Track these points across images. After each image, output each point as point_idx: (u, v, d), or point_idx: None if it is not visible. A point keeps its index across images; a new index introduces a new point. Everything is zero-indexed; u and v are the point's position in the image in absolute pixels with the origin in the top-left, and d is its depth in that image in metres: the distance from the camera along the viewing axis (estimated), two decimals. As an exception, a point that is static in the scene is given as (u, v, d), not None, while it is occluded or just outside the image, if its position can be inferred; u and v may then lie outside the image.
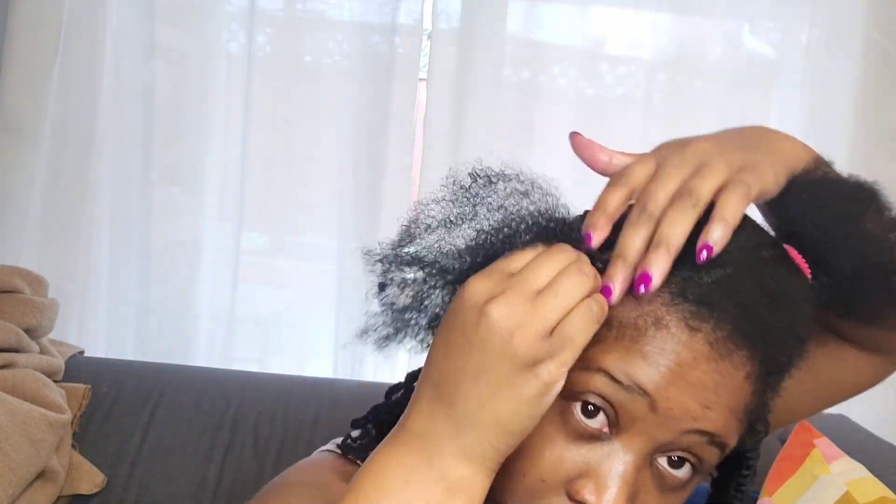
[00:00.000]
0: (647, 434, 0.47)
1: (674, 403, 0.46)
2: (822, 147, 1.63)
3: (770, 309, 0.47)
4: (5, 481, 0.96)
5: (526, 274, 0.44)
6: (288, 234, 1.64)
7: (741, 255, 0.48)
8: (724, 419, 0.47)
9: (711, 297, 0.46)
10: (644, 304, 0.46)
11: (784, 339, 0.48)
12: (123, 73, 1.52)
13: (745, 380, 0.47)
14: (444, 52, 1.50)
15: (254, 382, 1.25)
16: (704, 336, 0.46)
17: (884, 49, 1.46)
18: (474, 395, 0.43)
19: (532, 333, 0.42)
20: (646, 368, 0.46)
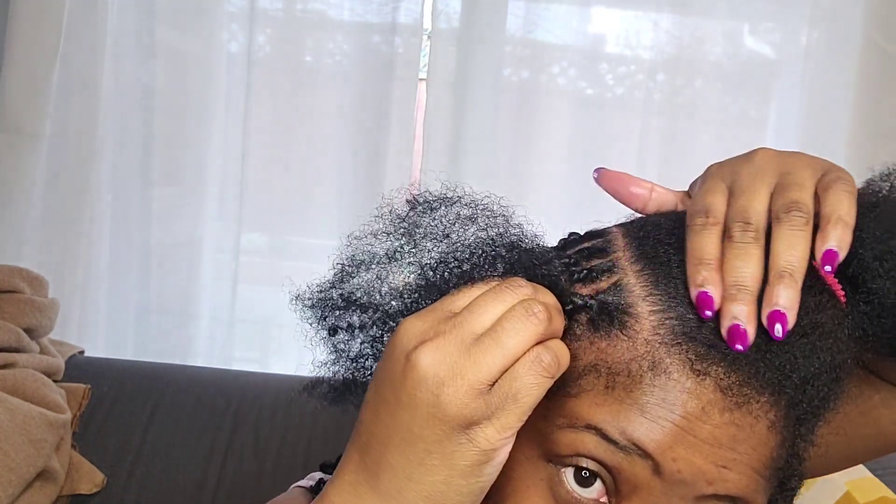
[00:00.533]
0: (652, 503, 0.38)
1: (682, 465, 0.38)
2: (822, 147, 1.64)
3: (797, 347, 0.39)
4: (5, 481, 0.96)
5: (465, 314, 0.36)
6: (288, 234, 1.64)
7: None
8: (746, 479, 0.39)
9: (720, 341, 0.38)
10: (638, 345, 0.39)
11: (815, 380, 0.40)
12: (123, 73, 1.52)
13: (768, 431, 0.39)
14: (444, 52, 1.50)
15: (254, 382, 1.25)
16: (714, 381, 0.38)
17: (883, 49, 1.46)
18: (400, 466, 0.36)
19: (465, 388, 0.34)
20: (645, 425, 0.38)
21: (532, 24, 1.54)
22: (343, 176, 1.55)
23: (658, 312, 0.39)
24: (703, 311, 0.38)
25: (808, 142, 1.50)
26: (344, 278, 0.42)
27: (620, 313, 0.39)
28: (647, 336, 0.39)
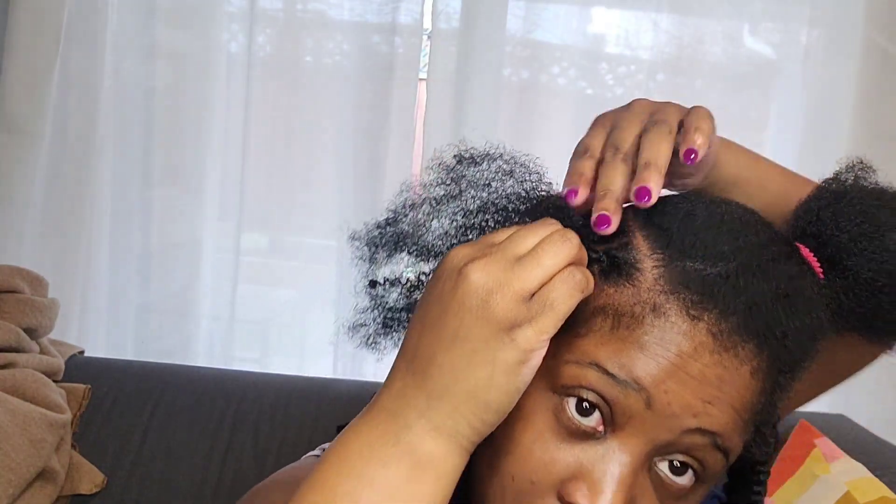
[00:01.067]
0: (644, 433, 0.43)
1: (672, 398, 0.43)
2: (822, 147, 1.63)
3: (781, 305, 0.45)
4: (5, 481, 0.96)
5: (508, 242, 0.42)
6: (288, 234, 1.64)
7: (749, 250, 0.46)
8: (726, 417, 0.44)
9: (716, 287, 0.44)
10: (642, 291, 0.44)
11: (794, 337, 0.45)
12: (123, 73, 1.52)
13: (750, 376, 0.44)
14: (444, 52, 1.50)
15: (254, 382, 1.25)
16: (707, 326, 0.43)
17: (883, 49, 1.46)
18: (448, 364, 0.40)
19: (510, 295, 0.40)
20: (643, 360, 0.43)
21: (532, 24, 1.54)
22: (343, 176, 1.55)
23: (660, 267, 0.45)
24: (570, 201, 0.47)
25: (808, 142, 1.49)
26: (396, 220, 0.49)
27: (628, 266, 0.45)
28: (650, 285, 0.44)
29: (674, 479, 0.45)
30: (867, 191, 0.51)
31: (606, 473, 0.43)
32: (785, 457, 1.08)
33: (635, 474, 0.44)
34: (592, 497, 0.43)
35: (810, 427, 1.11)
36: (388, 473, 0.41)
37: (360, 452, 0.41)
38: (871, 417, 1.39)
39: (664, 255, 0.45)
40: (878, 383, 1.51)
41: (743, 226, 0.47)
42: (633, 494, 0.44)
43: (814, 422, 1.14)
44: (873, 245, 0.49)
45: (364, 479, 0.41)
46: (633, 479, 0.44)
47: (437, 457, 0.41)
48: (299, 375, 1.34)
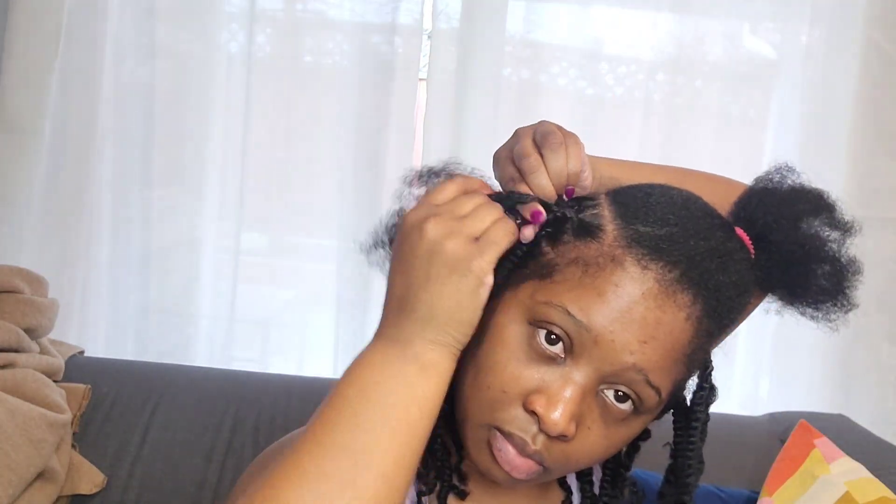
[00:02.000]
0: (592, 364, 0.54)
1: (616, 337, 0.53)
2: (822, 147, 1.63)
3: (716, 264, 0.55)
4: (5, 481, 0.96)
5: (451, 204, 0.55)
6: (288, 234, 1.64)
7: (692, 219, 0.57)
8: (658, 356, 0.54)
9: (662, 244, 0.54)
10: (605, 246, 0.55)
11: (727, 290, 0.56)
12: (123, 73, 1.52)
13: (685, 321, 0.54)
14: (444, 52, 1.50)
15: (254, 382, 1.25)
16: (654, 275, 0.54)
17: (883, 49, 1.46)
18: (427, 297, 0.52)
19: (462, 239, 0.53)
20: (598, 305, 0.53)
21: (532, 24, 1.54)
22: (343, 176, 1.55)
23: (619, 229, 0.56)
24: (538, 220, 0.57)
25: (808, 141, 1.50)
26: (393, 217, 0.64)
27: (595, 228, 0.56)
28: (611, 242, 0.55)
29: (616, 405, 0.56)
30: (789, 186, 0.63)
31: (562, 390, 0.54)
32: (785, 457, 1.09)
33: (584, 395, 0.55)
34: (549, 407, 0.54)
35: (810, 427, 1.11)
36: (404, 377, 0.52)
37: (375, 365, 0.53)
38: (871, 417, 1.39)
39: (623, 220, 0.56)
40: (878, 383, 1.51)
41: (688, 202, 0.59)
42: (582, 410, 0.55)
43: (814, 422, 1.14)
44: (791, 226, 0.61)
45: (386, 385, 0.52)
46: (582, 398, 0.55)
47: (437, 362, 0.53)
48: (299, 375, 1.34)
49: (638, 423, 0.58)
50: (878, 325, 1.49)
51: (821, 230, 0.61)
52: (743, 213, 0.62)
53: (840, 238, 0.62)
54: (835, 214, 0.62)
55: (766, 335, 1.55)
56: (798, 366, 1.53)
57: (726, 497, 1.05)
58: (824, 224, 0.62)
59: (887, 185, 1.48)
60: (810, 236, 0.61)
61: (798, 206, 0.61)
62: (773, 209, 0.61)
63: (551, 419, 0.53)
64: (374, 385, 0.52)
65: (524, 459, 0.55)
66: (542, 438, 0.55)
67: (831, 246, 0.61)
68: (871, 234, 1.46)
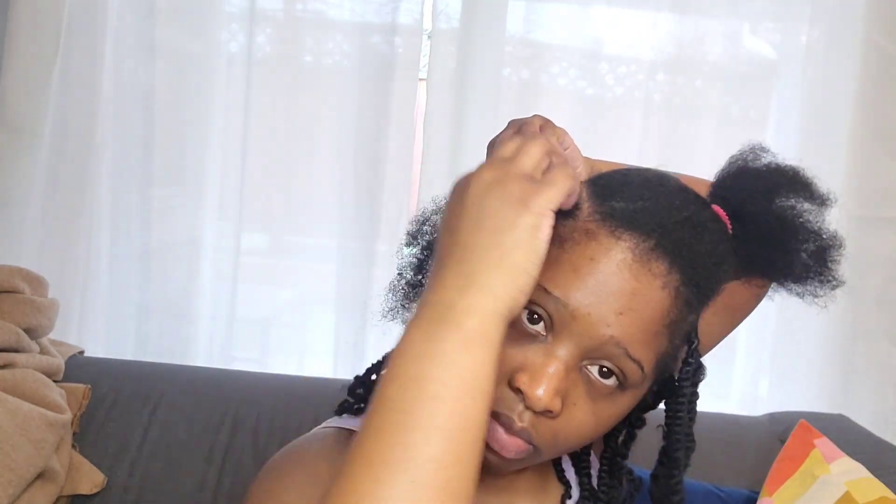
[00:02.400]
0: (573, 340, 0.54)
1: (592, 310, 0.54)
2: (822, 146, 1.63)
3: (690, 232, 0.56)
4: (5, 481, 0.96)
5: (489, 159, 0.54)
6: (288, 234, 1.64)
7: (666, 195, 0.57)
8: (636, 328, 0.54)
9: (635, 216, 0.55)
10: (579, 222, 0.55)
11: (703, 258, 0.56)
12: (123, 73, 1.52)
13: (661, 289, 0.54)
14: (444, 52, 1.50)
15: (254, 382, 1.25)
16: (627, 244, 0.54)
17: (883, 49, 1.46)
18: (477, 242, 0.49)
19: (517, 176, 0.50)
20: (574, 281, 0.54)
21: (532, 24, 1.54)
22: (343, 176, 1.55)
23: (595, 205, 0.56)
24: None
25: (808, 141, 1.49)
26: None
27: (573, 208, 0.55)
28: (586, 217, 0.56)
29: (600, 380, 0.56)
30: (763, 164, 0.65)
31: (544, 367, 0.54)
32: (785, 457, 1.09)
33: (568, 371, 0.55)
34: (532, 384, 0.54)
35: (810, 427, 1.11)
36: (445, 348, 0.47)
37: (417, 342, 0.47)
38: (871, 417, 1.39)
39: (599, 198, 0.57)
40: (878, 383, 1.51)
41: (663, 178, 0.60)
42: (566, 386, 0.55)
43: (814, 422, 1.14)
44: (766, 200, 0.62)
45: (427, 357, 0.47)
46: (565, 374, 0.55)
47: (482, 329, 0.47)
48: (299, 375, 1.34)
49: (625, 400, 0.58)
50: (878, 325, 1.49)
51: (798, 205, 0.62)
52: (719, 191, 0.63)
53: (818, 212, 0.63)
54: (810, 188, 0.63)
55: (766, 335, 1.55)
56: (798, 366, 1.53)
57: (726, 497, 1.05)
58: (800, 198, 0.62)
59: (887, 185, 1.48)
60: (786, 208, 0.62)
61: (772, 180, 0.63)
62: (748, 184, 0.62)
63: (535, 395, 0.54)
64: (416, 376, 0.46)
65: (512, 437, 0.56)
66: (528, 415, 0.55)
67: (808, 219, 0.62)
68: (871, 234, 1.48)
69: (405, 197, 1.54)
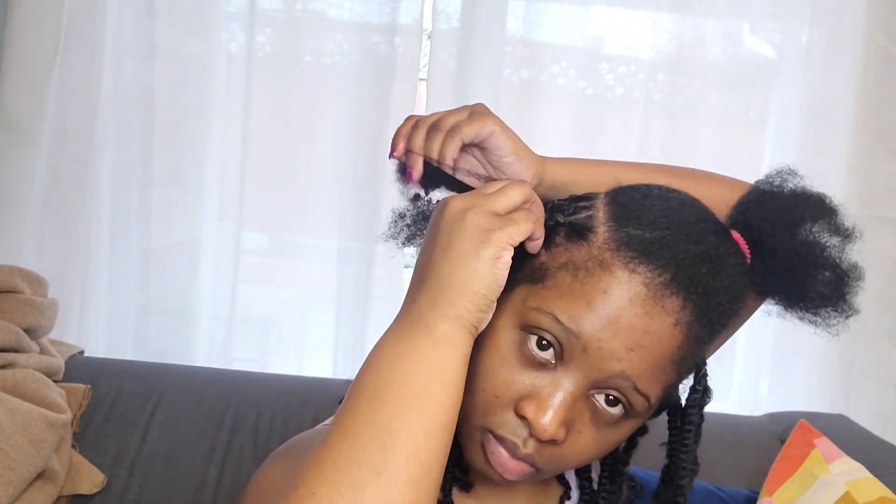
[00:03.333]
0: (582, 370, 0.55)
1: (603, 345, 0.54)
2: (822, 147, 1.63)
3: (706, 268, 0.55)
4: (5, 481, 0.96)
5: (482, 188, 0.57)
6: (288, 234, 1.64)
7: (684, 223, 0.56)
8: (645, 364, 0.54)
9: (651, 248, 0.54)
10: (594, 249, 0.55)
11: (718, 295, 0.55)
12: (123, 73, 1.52)
13: (674, 326, 0.54)
14: (444, 52, 1.50)
15: (254, 382, 1.25)
16: (642, 279, 0.54)
17: (884, 49, 1.46)
18: (444, 266, 0.52)
19: (483, 211, 0.53)
20: (587, 314, 0.54)
21: (532, 24, 1.54)
22: (343, 176, 1.55)
23: (611, 231, 0.56)
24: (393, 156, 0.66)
25: (808, 141, 1.50)
26: None
27: (585, 230, 0.56)
28: (600, 244, 0.56)
29: (607, 409, 0.56)
30: (790, 190, 0.63)
31: (552, 395, 0.55)
32: (785, 457, 1.08)
33: (575, 400, 0.55)
34: (539, 412, 0.54)
35: (810, 427, 1.11)
36: (417, 352, 0.51)
37: (392, 349, 0.52)
38: (871, 417, 1.39)
39: (615, 222, 0.56)
40: (878, 383, 1.51)
41: (683, 205, 0.58)
42: (572, 415, 0.56)
43: (814, 422, 1.14)
44: (788, 232, 0.60)
45: (400, 354, 0.51)
46: (572, 403, 0.55)
47: (450, 335, 0.51)
48: (299, 375, 1.34)
49: (628, 426, 0.58)
50: (878, 325, 1.49)
51: (820, 236, 0.61)
52: (741, 216, 0.62)
53: (840, 244, 0.61)
54: (835, 220, 0.62)
55: (766, 336, 1.55)
56: (798, 366, 1.53)
57: (726, 497, 1.05)
58: (824, 229, 0.61)
59: (887, 185, 1.48)
60: (808, 243, 0.60)
61: (797, 210, 0.61)
62: (772, 214, 0.61)
63: (541, 425, 0.54)
64: (391, 367, 0.51)
65: (516, 462, 0.56)
66: (532, 443, 0.56)
67: (830, 252, 0.61)
68: (871, 234, 1.46)
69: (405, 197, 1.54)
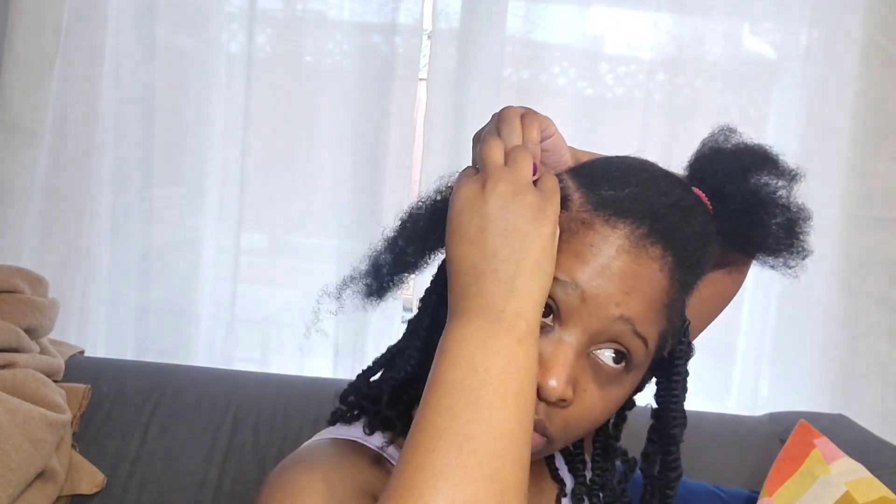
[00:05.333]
0: (580, 325, 0.56)
1: (600, 290, 0.55)
2: (822, 146, 1.63)
3: (679, 216, 0.58)
4: (5, 481, 0.96)
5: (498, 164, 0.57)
6: (288, 234, 1.64)
7: (651, 180, 0.60)
8: (641, 306, 0.56)
9: (626, 204, 0.57)
10: (573, 213, 0.57)
11: (693, 241, 0.59)
12: (123, 73, 1.52)
13: (659, 271, 0.57)
14: (444, 52, 1.50)
15: (254, 382, 1.25)
16: (623, 232, 0.56)
17: (883, 49, 1.46)
18: (510, 252, 0.52)
19: (527, 188, 0.54)
20: (578, 264, 0.56)
21: (532, 24, 1.54)
22: (343, 176, 1.55)
23: (585, 195, 0.59)
24: None
25: (808, 141, 1.50)
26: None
27: (562, 199, 0.57)
28: (578, 208, 0.58)
29: (607, 363, 0.57)
30: (732, 145, 0.68)
31: (555, 356, 0.56)
32: (785, 457, 1.09)
33: (577, 357, 0.56)
34: (545, 374, 0.55)
35: (810, 427, 1.11)
36: (507, 350, 0.51)
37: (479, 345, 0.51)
38: (871, 417, 1.39)
39: (587, 188, 0.59)
40: (878, 383, 1.51)
41: (645, 164, 0.62)
42: (576, 373, 0.56)
43: (814, 422, 1.14)
44: (741, 178, 0.65)
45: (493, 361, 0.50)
46: (575, 361, 0.56)
47: (530, 328, 0.52)
48: (299, 375, 1.34)
49: (629, 381, 0.59)
50: (879, 325, 1.49)
51: (768, 181, 0.66)
52: (696, 173, 0.67)
53: (787, 187, 0.66)
54: (779, 165, 0.67)
55: (766, 335, 1.55)
56: (798, 366, 1.53)
57: (726, 497, 1.05)
58: (770, 175, 0.66)
59: (887, 185, 1.48)
60: (761, 184, 0.65)
61: (745, 159, 0.66)
62: (723, 165, 0.66)
63: (549, 385, 0.55)
64: (483, 363, 0.50)
65: None
66: (542, 406, 0.56)
67: (781, 194, 0.65)
68: (871, 234, 1.48)
69: (405, 197, 1.54)
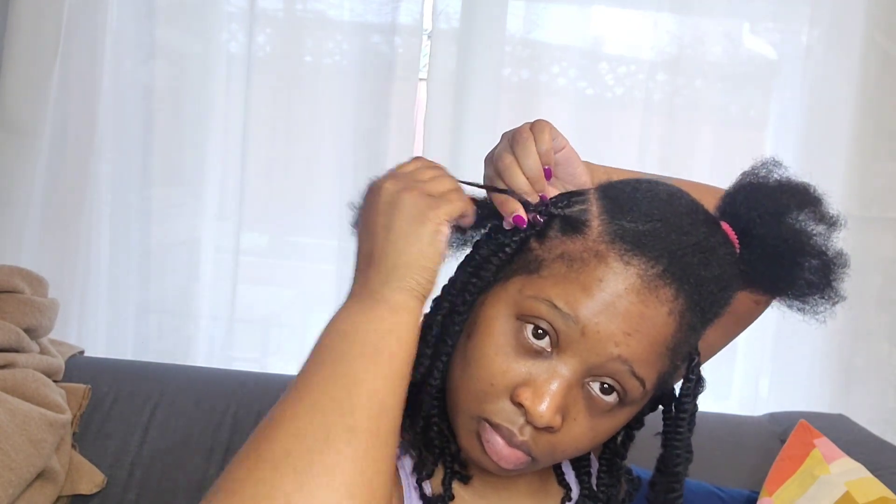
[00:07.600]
0: (578, 357, 0.55)
1: (601, 328, 0.55)
2: (822, 146, 1.63)
3: (698, 259, 0.56)
4: (5, 481, 0.96)
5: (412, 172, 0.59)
6: (288, 234, 1.64)
7: (675, 215, 0.57)
8: (642, 348, 0.55)
9: (644, 240, 0.56)
10: (589, 242, 0.57)
11: (709, 284, 0.57)
12: (123, 73, 1.52)
13: (668, 315, 0.55)
14: (444, 52, 1.50)
15: (254, 382, 1.25)
16: (636, 270, 0.55)
17: (884, 49, 1.46)
18: (390, 247, 0.55)
19: (417, 192, 0.56)
20: (583, 299, 0.55)
21: (532, 24, 1.54)
22: (343, 176, 1.55)
23: (604, 224, 0.57)
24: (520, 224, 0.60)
25: (808, 141, 1.50)
26: None
27: (580, 223, 0.58)
28: (595, 237, 0.57)
29: (601, 397, 0.57)
30: (775, 181, 0.64)
31: (549, 382, 0.56)
32: (785, 457, 1.09)
33: (570, 387, 0.56)
34: (535, 399, 0.55)
35: (810, 427, 1.11)
36: (376, 315, 0.55)
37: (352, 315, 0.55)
38: (871, 417, 1.39)
39: (609, 215, 0.58)
40: (878, 383, 1.51)
41: (673, 197, 0.59)
42: (567, 402, 0.56)
43: (814, 422, 1.14)
44: (775, 221, 0.61)
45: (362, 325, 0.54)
46: (568, 391, 0.56)
47: (405, 303, 0.55)
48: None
49: (623, 414, 0.59)
50: (879, 325, 1.49)
51: (806, 224, 0.62)
52: (729, 208, 0.63)
53: (826, 231, 0.62)
54: (820, 208, 0.63)
55: (766, 335, 1.55)
56: (798, 366, 1.53)
57: (726, 497, 1.05)
58: (810, 218, 0.62)
59: (887, 185, 1.48)
60: (794, 230, 0.62)
61: (783, 199, 0.62)
62: (758, 204, 0.62)
63: (537, 411, 0.55)
64: (352, 327, 0.55)
65: (512, 450, 0.57)
66: (529, 430, 0.56)
67: (817, 240, 0.62)
68: (871, 234, 1.48)
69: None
